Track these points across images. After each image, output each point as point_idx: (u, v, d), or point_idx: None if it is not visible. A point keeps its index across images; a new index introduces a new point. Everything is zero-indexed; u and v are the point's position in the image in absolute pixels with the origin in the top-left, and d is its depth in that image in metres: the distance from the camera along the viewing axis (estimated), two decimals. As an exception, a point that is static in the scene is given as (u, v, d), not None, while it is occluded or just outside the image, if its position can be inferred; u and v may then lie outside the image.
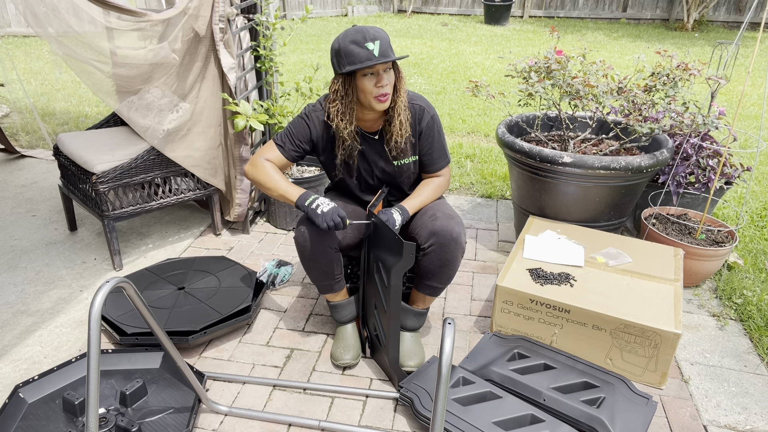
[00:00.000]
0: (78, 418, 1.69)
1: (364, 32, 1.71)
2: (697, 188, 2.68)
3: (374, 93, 1.76)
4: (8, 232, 2.92)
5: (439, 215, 1.87)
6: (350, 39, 1.71)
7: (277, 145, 1.96)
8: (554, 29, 2.77)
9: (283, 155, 1.95)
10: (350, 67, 1.72)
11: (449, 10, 11.42)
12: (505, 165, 3.83)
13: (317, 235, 1.83)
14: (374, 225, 1.82)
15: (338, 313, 2.04)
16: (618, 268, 2.16)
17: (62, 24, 2.19)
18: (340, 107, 1.81)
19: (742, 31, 2.37)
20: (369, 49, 1.70)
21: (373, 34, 1.71)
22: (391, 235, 1.70)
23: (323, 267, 1.89)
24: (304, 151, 1.98)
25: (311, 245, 1.84)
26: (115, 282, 1.27)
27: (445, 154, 2.02)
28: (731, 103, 5.35)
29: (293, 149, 1.96)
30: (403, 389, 1.81)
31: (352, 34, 1.71)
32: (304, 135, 1.94)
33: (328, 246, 1.85)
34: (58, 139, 2.71)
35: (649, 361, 1.89)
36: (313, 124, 1.93)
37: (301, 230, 1.85)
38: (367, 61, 1.70)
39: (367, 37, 1.70)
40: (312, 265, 1.89)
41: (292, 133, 1.95)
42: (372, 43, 1.70)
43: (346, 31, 1.74)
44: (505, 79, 6.20)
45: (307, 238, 1.84)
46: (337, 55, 1.74)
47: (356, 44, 1.70)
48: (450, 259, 1.84)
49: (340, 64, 1.75)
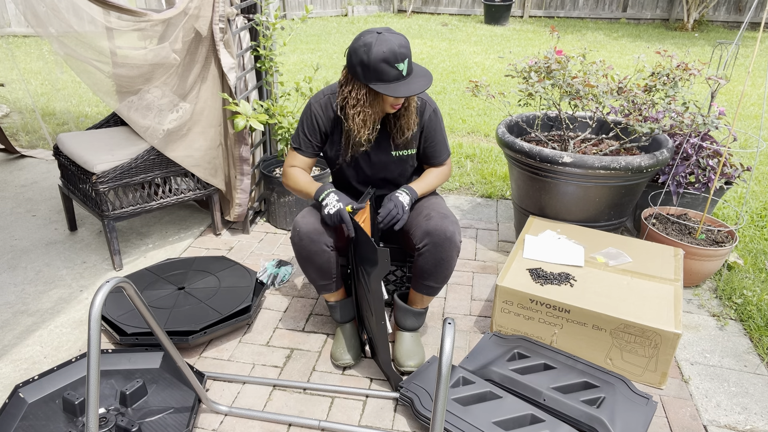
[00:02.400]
0: (78, 418, 1.69)
1: (394, 51, 1.68)
2: (697, 188, 2.68)
3: (392, 104, 1.81)
4: (8, 232, 2.92)
5: (433, 215, 1.87)
6: (381, 57, 1.68)
7: (295, 149, 2.00)
8: (554, 29, 2.77)
9: (304, 157, 2.00)
10: (378, 86, 1.72)
11: (449, 10, 11.42)
12: (505, 165, 3.83)
13: (313, 234, 1.84)
14: (355, 230, 1.81)
15: (337, 313, 2.04)
16: (618, 268, 2.16)
17: (63, 24, 2.19)
18: (363, 116, 1.82)
19: (742, 31, 2.37)
20: (399, 69, 1.71)
21: (402, 52, 1.70)
22: (367, 240, 1.69)
23: (319, 266, 1.89)
24: (320, 145, 2.00)
25: (307, 244, 1.85)
26: (115, 282, 1.27)
27: (447, 146, 2.08)
28: (731, 103, 5.35)
29: (310, 147, 1.99)
30: (403, 389, 1.81)
31: (383, 52, 1.68)
32: (314, 131, 1.96)
33: (324, 245, 1.85)
34: (58, 139, 2.71)
35: (649, 361, 1.89)
36: (320, 117, 1.94)
37: (297, 230, 1.86)
38: (398, 82, 1.72)
39: (398, 57, 1.70)
40: (308, 265, 1.90)
41: (304, 132, 1.97)
42: (402, 63, 1.71)
43: (374, 42, 1.69)
44: (505, 79, 6.20)
45: (302, 237, 1.84)
46: (363, 66, 1.72)
47: (387, 63, 1.69)
48: (445, 258, 1.84)
49: (365, 77, 1.73)
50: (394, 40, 1.69)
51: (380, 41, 1.68)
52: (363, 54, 1.70)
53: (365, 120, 1.83)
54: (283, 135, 2.83)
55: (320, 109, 1.94)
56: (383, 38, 1.69)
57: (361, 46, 1.71)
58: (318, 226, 1.85)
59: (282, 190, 2.84)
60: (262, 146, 3.05)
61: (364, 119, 1.83)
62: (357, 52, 1.72)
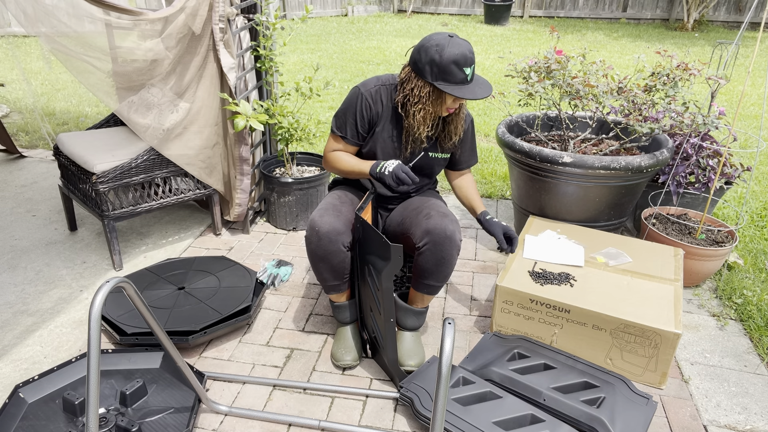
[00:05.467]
0: (78, 418, 1.69)
1: (465, 55, 1.74)
2: (697, 188, 2.68)
3: (449, 107, 1.86)
4: (8, 232, 2.92)
5: (433, 214, 1.88)
6: (452, 58, 1.73)
7: (338, 135, 2.00)
8: (554, 29, 2.77)
9: (347, 144, 2.01)
10: (443, 86, 1.77)
11: (449, 10, 11.42)
12: (505, 165, 3.83)
13: (332, 235, 1.82)
14: (362, 228, 1.81)
15: (341, 314, 2.04)
16: (618, 268, 2.16)
17: (60, 24, 2.19)
18: (423, 113, 1.86)
19: (742, 31, 2.37)
20: (466, 73, 1.76)
21: (471, 58, 1.76)
22: (378, 238, 1.70)
23: (335, 266, 1.88)
24: (365, 135, 2.00)
25: (326, 244, 1.83)
26: (115, 282, 1.27)
27: (476, 153, 2.20)
28: (731, 103, 5.35)
29: (355, 136, 1.98)
30: (403, 389, 1.81)
31: (455, 54, 1.73)
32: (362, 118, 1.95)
33: (341, 245, 1.84)
34: (58, 139, 2.71)
35: (649, 361, 1.89)
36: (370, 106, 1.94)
37: (316, 229, 1.83)
38: (462, 85, 1.78)
39: (468, 62, 1.75)
40: (323, 265, 1.88)
41: (353, 118, 1.96)
42: (469, 68, 1.76)
43: (447, 44, 1.74)
44: (505, 79, 6.20)
45: (321, 237, 1.82)
46: (432, 64, 1.76)
47: (457, 65, 1.74)
48: (445, 257, 1.84)
49: (432, 75, 1.78)
50: (465, 45, 1.76)
51: (453, 44, 1.74)
52: (435, 53, 1.75)
53: (425, 117, 1.86)
54: (283, 135, 2.83)
55: (370, 98, 1.94)
56: (456, 41, 1.75)
57: (434, 45, 1.75)
58: (337, 226, 1.83)
59: (282, 189, 2.84)
60: (262, 146, 3.05)
61: (424, 116, 1.86)
62: (428, 51, 1.76)
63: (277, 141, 3.09)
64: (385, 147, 1.99)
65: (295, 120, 2.83)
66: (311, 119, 4.72)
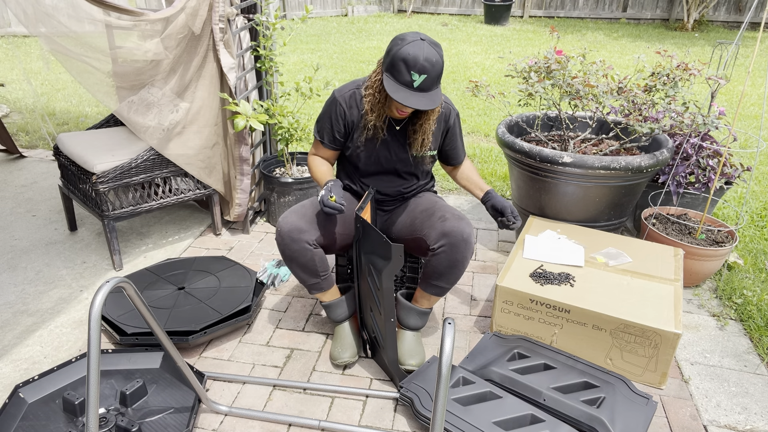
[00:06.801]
0: (78, 418, 1.69)
1: (418, 58, 1.68)
2: (697, 188, 2.68)
3: (397, 107, 1.83)
4: (8, 232, 2.92)
5: (448, 216, 1.88)
6: (404, 56, 1.69)
7: (318, 141, 2.03)
8: (554, 29, 2.77)
9: (325, 148, 2.03)
10: (386, 79, 1.75)
11: (449, 10, 11.42)
12: (505, 165, 3.83)
13: (294, 233, 1.84)
14: (362, 228, 1.82)
15: (332, 312, 2.04)
16: (618, 268, 2.16)
17: (60, 25, 2.19)
18: (372, 100, 1.86)
19: (742, 31, 2.37)
20: (412, 78, 1.71)
21: (423, 66, 1.69)
22: (378, 237, 1.70)
23: (304, 265, 1.89)
24: (341, 139, 2.00)
25: (288, 243, 1.85)
26: (115, 282, 1.27)
27: (464, 148, 2.19)
28: (731, 103, 5.35)
29: (332, 141, 2.00)
30: (403, 389, 1.81)
31: (409, 53, 1.68)
32: (337, 121, 1.96)
33: (305, 243, 1.85)
34: (58, 139, 2.71)
35: (649, 361, 1.89)
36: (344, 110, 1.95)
37: (278, 230, 1.88)
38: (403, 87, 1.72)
39: (417, 67, 1.68)
40: (293, 265, 1.90)
41: (327, 122, 1.98)
42: (418, 75, 1.70)
43: (409, 42, 1.71)
44: (505, 79, 6.20)
45: (284, 236, 1.86)
46: (388, 54, 1.75)
47: (405, 64, 1.69)
48: (460, 259, 1.85)
49: (385, 64, 1.77)
50: (426, 52, 1.69)
51: (415, 45, 1.70)
52: (394, 45, 1.74)
53: (373, 104, 1.87)
54: (283, 135, 2.83)
55: (344, 104, 1.94)
56: (419, 45, 1.70)
57: (399, 39, 1.74)
58: (298, 225, 1.85)
59: (282, 189, 2.84)
60: (262, 146, 3.05)
61: (372, 103, 1.86)
62: (393, 41, 1.76)
63: (277, 141, 3.09)
64: (364, 151, 2.00)
65: (295, 120, 2.83)
66: (311, 119, 4.72)
